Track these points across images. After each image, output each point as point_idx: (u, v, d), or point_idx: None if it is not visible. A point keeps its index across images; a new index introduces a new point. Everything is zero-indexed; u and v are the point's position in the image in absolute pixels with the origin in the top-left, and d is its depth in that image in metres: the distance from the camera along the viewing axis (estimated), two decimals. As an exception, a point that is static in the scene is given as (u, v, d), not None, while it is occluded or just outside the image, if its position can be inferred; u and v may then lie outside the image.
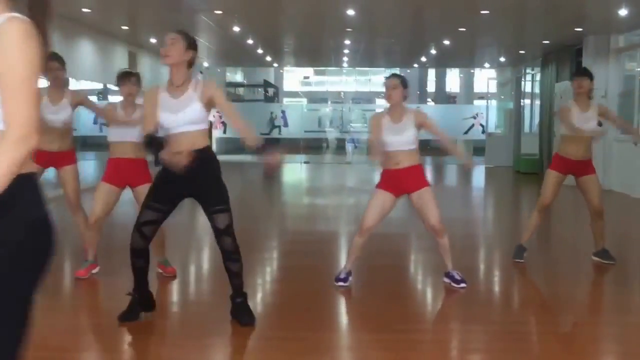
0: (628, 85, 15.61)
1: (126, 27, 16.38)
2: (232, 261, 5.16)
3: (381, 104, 43.10)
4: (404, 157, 6.23)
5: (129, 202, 7.00)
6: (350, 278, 6.49)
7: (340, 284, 6.43)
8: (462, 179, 19.64)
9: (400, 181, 6.25)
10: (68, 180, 6.96)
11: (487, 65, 24.28)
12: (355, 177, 18.88)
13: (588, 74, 7.24)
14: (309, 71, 44.14)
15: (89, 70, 16.37)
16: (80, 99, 7.07)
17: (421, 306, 6.27)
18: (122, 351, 4.91)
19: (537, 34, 16.57)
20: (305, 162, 23.34)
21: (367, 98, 44.08)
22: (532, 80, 21.67)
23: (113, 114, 6.58)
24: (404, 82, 6.30)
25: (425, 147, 28.14)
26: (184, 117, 4.94)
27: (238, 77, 36.50)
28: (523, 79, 22.36)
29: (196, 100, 4.98)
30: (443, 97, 34.44)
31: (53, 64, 6.81)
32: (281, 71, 38.81)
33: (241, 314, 5.26)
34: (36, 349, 4.79)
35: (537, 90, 20.95)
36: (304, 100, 43.26)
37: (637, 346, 5.02)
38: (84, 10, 13.63)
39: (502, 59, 21.60)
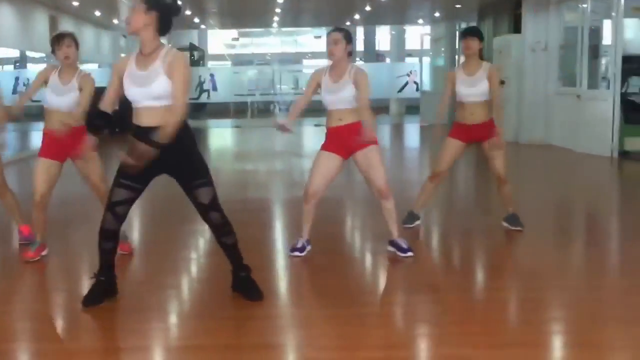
0: (568, 37, 15.42)
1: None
2: (225, 234, 4.89)
3: (308, 64, 42.76)
4: (344, 115, 5.84)
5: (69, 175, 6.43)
6: (309, 247, 6.13)
7: (297, 253, 6.08)
8: (396, 139, 19.36)
9: (343, 139, 5.87)
10: None
11: (420, 21, 23.96)
12: (285, 140, 18.49)
13: (477, 34, 6.81)
14: (234, 33, 43.21)
15: (7, 36, 15.47)
16: None
17: (366, 278, 5.90)
18: (83, 337, 4.52)
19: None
20: (236, 127, 22.82)
21: (294, 59, 43.58)
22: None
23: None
24: (347, 37, 5.88)
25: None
26: (150, 92, 4.52)
27: (162, 40, 35.49)
28: (457, 34, 22.09)
29: (162, 74, 4.51)
30: (372, 55, 34.08)
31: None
32: (206, 33, 37.84)
33: (248, 289, 4.98)
34: None
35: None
36: (229, 64, 42.54)
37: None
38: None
39: (437, 14, 21.27)
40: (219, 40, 45.18)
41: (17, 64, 24.91)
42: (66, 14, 18.56)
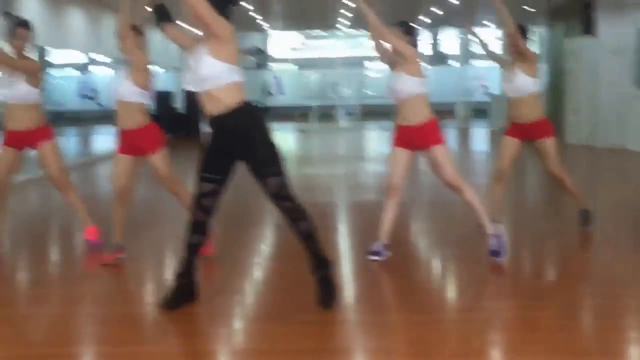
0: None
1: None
2: (298, 220, 4.71)
3: (372, 67, 42.56)
4: (408, 113, 5.85)
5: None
6: (386, 252, 6.00)
7: (375, 258, 5.95)
8: (462, 143, 19.07)
9: (408, 139, 5.87)
10: (46, 158, 6.39)
11: (488, 24, 23.57)
12: (348, 144, 18.38)
13: (520, 28, 6.69)
14: (297, 36, 43.21)
15: (76, 39, 15.62)
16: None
17: (441, 283, 5.74)
18: (161, 343, 4.42)
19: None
20: (300, 131, 22.73)
21: (358, 62, 43.40)
22: (539, 38, 21.00)
23: None
24: (407, 30, 5.91)
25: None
26: (199, 74, 4.51)
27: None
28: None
29: (206, 54, 4.48)
30: (438, 58, 33.75)
31: (22, 32, 6.21)
32: (269, 37, 37.92)
33: (322, 289, 4.76)
34: (70, 344, 4.39)
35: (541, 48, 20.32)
36: (294, 67, 42.57)
37: None
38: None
39: (506, 17, 20.87)
40: (282, 43, 45.26)
41: (83, 69, 25.20)
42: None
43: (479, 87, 24.61)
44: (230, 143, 4.60)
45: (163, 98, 19.24)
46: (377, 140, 19.33)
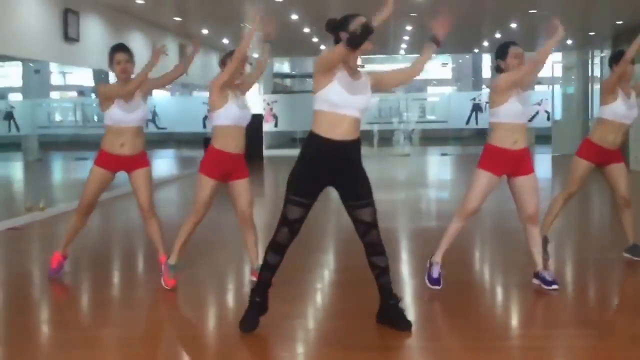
0: None
1: (178, 18, 15.73)
2: (379, 255, 4.86)
3: (433, 92, 42.39)
4: (519, 136, 5.71)
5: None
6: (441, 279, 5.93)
7: (435, 287, 5.87)
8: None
9: (509, 163, 5.71)
10: (140, 184, 6.38)
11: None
12: (409, 170, 18.19)
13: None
14: (358, 60, 43.27)
15: (139, 63, 15.81)
16: (147, 84, 6.47)
17: (504, 310, 5.64)
18: None
19: (610, 14, 15.63)
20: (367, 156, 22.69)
21: (419, 87, 43.29)
22: (601, 63, 20.64)
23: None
24: None
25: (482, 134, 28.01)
26: (360, 101, 4.67)
27: (285, 67, 35.86)
28: (590, 62, 21.34)
29: (369, 88, 4.76)
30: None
31: (121, 56, 6.27)
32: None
33: (397, 318, 4.88)
34: None
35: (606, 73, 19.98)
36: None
37: None
38: (137, 1, 13.03)
39: (569, 42, 20.55)
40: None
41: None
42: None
43: (540, 112, 24.19)
44: (342, 170, 4.71)
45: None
46: (437, 165, 19.15)
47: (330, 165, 4.68)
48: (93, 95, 29.67)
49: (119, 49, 6.36)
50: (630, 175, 6.88)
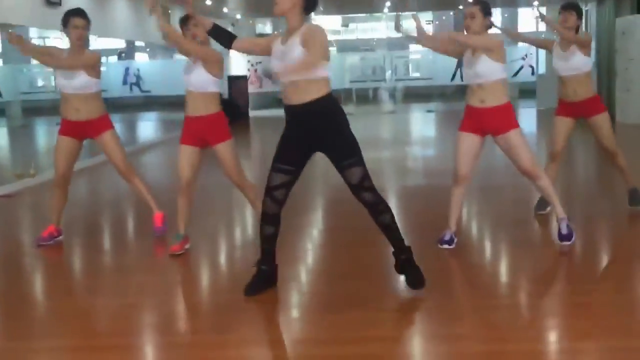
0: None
1: (161, -21, 15.50)
2: (379, 213, 4.76)
3: (415, 49, 42.17)
4: (486, 95, 5.64)
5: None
6: (456, 239, 5.95)
7: (446, 246, 5.90)
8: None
9: (481, 122, 5.68)
10: (108, 148, 6.43)
11: (535, 3, 23.13)
12: (392, 128, 18.17)
13: (575, 8, 6.57)
14: (338, 19, 43.01)
15: (120, 27, 15.66)
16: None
17: (511, 268, 5.57)
18: (225, 332, 4.37)
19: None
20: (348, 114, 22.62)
21: (400, 45, 43.03)
22: (587, 17, 20.58)
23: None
24: (484, 9, 5.63)
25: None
26: (276, 67, 4.61)
27: (267, 28, 35.55)
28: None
29: (298, 45, 4.52)
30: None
31: (77, 21, 6.18)
32: (309, 20, 37.78)
33: (408, 274, 4.88)
34: (136, 334, 4.42)
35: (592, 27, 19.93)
36: (334, 50, 42.34)
37: None
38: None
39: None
40: (323, 26, 45.04)
41: (123, 55, 25.17)
42: (177, 5, 18.67)
43: (525, 66, 24.18)
44: (311, 133, 4.63)
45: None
46: (422, 122, 19.13)
47: (297, 130, 4.67)
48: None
49: (78, 14, 6.25)
50: (619, 128, 6.87)
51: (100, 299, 5.14)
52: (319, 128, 4.61)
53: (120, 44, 22.76)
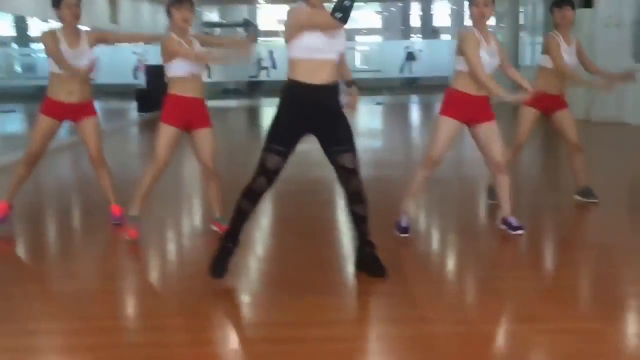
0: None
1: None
2: (359, 203, 4.82)
3: (361, 41, 42.27)
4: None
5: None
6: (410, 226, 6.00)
7: (402, 234, 5.92)
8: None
9: (468, 109, 5.71)
10: (90, 133, 6.35)
11: None
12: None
13: (570, 2, 6.69)
14: (285, 8, 42.86)
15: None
16: (101, 36, 6.42)
17: (475, 254, 5.69)
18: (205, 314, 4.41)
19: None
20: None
21: (348, 35, 43.14)
22: (534, 11, 20.92)
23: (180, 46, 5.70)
24: None
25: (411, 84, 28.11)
26: (339, 44, 4.66)
27: (214, 16, 35.31)
28: (523, 8, 21.60)
29: (343, 32, 4.68)
30: (429, 31, 33.61)
31: (73, 0, 6.05)
32: (258, 7, 37.57)
33: (373, 266, 4.91)
34: (101, 318, 4.36)
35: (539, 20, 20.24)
36: (280, 40, 42.22)
37: None
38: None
39: (501, -10, 20.75)
40: (269, 16, 44.95)
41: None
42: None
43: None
44: (324, 115, 4.69)
45: (154, 72, 19.03)
46: (370, 115, 19.21)
47: (312, 111, 4.64)
48: (14, 45, 28.87)
49: None
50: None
51: (68, 285, 5.09)
52: (336, 108, 4.74)
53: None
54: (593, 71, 6.97)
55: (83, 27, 6.26)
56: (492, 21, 7.15)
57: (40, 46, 6.31)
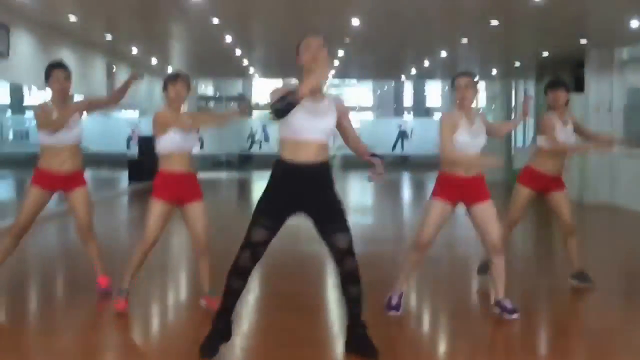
0: (633, 99, 15.12)
1: (109, 37, 15.42)
2: (354, 283, 4.74)
3: (354, 118, 42.52)
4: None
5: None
6: (402, 305, 5.89)
7: (393, 312, 5.83)
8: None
9: (461, 190, 5.70)
10: (79, 204, 6.30)
11: (476, 78, 23.72)
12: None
13: (564, 85, 6.82)
14: (279, 82, 43.29)
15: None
16: (86, 104, 6.50)
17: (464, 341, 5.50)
18: None
19: (535, 46, 15.99)
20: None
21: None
22: (526, 93, 21.13)
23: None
24: (477, 83, 5.84)
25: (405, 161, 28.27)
26: (322, 125, 4.67)
27: (209, 90, 35.62)
28: (514, 92, 21.83)
29: (332, 112, 4.75)
30: (422, 110, 33.92)
31: (59, 74, 6.15)
32: (252, 83, 37.86)
33: (364, 347, 4.77)
34: None
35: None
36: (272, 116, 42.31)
37: None
38: (71, 17, 12.74)
39: (494, 72, 20.96)
40: (264, 89, 45.31)
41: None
42: (123, 62, 18.63)
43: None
44: (309, 193, 4.66)
45: (146, 143, 19.08)
46: (361, 191, 19.19)
47: (296, 188, 4.64)
48: (8, 112, 29.02)
49: (59, 66, 6.28)
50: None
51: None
52: (316, 190, 4.67)
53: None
54: (593, 140, 7.07)
55: (78, 97, 6.29)
56: (482, 103, 7.25)
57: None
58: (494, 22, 12.44)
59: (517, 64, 18.80)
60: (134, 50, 17.37)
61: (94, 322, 5.98)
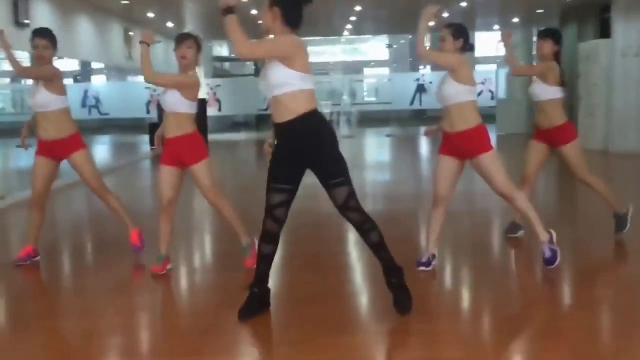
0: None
1: (125, 1, 15.28)
2: (366, 232, 4.69)
3: (369, 73, 42.31)
4: (455, 120, 5.62)
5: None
6: (434, 262, 5.88)
7: (422, 268, 5.80)
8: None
9: (455, 146, 5.67)
10: (80, 166, 6.39)
11: (496, 27, 23.33)
12: (347, 153, 18.09)
13: (551, 35, 6.54)
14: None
15: (86, 49, 15.44)
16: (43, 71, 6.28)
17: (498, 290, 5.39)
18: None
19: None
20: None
21: (355, 68, 43.21)
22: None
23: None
24: (454, 32, 5.63)
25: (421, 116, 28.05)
26: (268, 79, 4.50)
27: (224, 50, 35.35)
28: (534, 40, 21.50)
29: (277, 62, 4.46)
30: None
31: (38, 41, 6.16)
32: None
33: (398, 296, 4.75)
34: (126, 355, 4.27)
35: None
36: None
37: None
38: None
39: (515, 20, 20.60)
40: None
41: (78, 77, 24.79)
42: (139, 26, 18.52)
43: (484, 91, 24.37)
44: (298, 150, 4.54)
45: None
46: (380, 147, 19.05)
47: (288, 147, 4.59)
48: (25, 82, 28.94)
49: (39, 33, 6.24)
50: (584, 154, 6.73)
51: (75, 321, 4.95)
52: (303, 146, 4.54)
53: (74, 65, 22.45)
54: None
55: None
56: (502, 51, 7.09)
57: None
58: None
59: (540, 10, 18.45)
60: (150, 15, 17.25)
61: (127, 283, 6.01)
